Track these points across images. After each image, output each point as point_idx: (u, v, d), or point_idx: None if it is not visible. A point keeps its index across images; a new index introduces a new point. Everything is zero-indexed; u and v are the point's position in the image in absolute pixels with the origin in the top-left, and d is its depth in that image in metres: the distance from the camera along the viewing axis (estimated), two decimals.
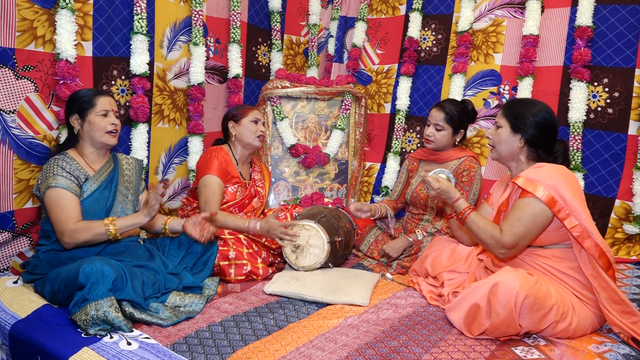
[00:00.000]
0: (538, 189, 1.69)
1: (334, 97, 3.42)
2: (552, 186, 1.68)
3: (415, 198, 2.65)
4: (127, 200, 2.10)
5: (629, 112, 2.65)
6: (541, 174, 1.72)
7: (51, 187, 1.88)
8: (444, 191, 1.92)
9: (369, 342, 1.62)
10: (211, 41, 3.07)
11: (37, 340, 1.57)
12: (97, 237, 1.87)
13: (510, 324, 1.59)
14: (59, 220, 1.86)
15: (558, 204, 1.68)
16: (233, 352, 1.56)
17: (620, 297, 1.67)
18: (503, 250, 1.77)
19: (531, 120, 1.82)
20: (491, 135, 1.94)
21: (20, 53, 2.10)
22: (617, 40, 2.68)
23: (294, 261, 2.28)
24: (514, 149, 1.87)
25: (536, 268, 1.79)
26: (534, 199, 1.71)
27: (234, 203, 2.46)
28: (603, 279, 1.67)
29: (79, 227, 1.84)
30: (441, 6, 3.26)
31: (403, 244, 2.53)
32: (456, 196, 1.90)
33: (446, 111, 2.50)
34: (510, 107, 1.89)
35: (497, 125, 1.92)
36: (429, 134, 2.55)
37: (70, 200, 1.88)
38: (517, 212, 1.74)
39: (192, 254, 2.15)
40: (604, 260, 1.68)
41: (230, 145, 2.58)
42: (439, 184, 1.92)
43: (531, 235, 1.75)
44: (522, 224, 1.72)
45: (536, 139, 1.83)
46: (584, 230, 1.67)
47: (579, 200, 1.70)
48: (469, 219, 1.84)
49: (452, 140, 2.56)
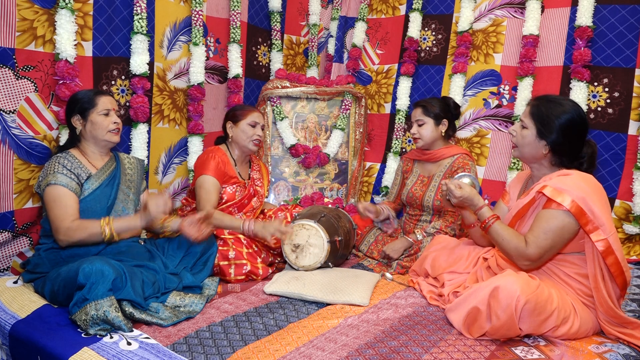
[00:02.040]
0: (566, 199, 1.61)
1: (334, 97, 3.42)
2: (581, 197, 1.61)
3: (410, 199, 2.65)
4: (129, 200, 2.10)
5: (629, 112, 2.65)
6: (569, 183, 1.64)
7: (51, 184, 1.88)
8: (467, 199, 1.84)
9: (369, 342, 1.62)
10: (211, 41, 3.07)
11: (37, 340, 1.57)
12: (92, 237, 1.87)
13: (510, 328, 1.58)
14: (56, 217, 1.86)
15: (586, 217, 1.60)
16: (233, 352, 1.56)
17: (617, 314, 1.65)
18: (527, 263, 1.71)
19: (557, 125, 1.71)
20: (515, 133, 1.84)
21: (20, 53, 2.10)
22: (617, 40, 2.68)
23: (294, 261, 2.28)
24: (538, 154, 1.79)
25: (542, 270, 1.77)
26: (561, 210, 1.63)
27: (233, 203, 2.46)
28: (602, 294, 1.64)
29: (74, 226, 1.85)
30: (441, 6, 3.26)
31: (403, 244, 2.53)
32: (480, 204, 1.82)
33: (422, 105, 2.57)
34: (539, 108, 1.77)
35: (522, 125, 1.81)
36: (413, 132, 2.60)
37: (68, 198, 1.88)
38: (543, 224, 1.66)
39: (191, 254, 2.15)
40: (621, 279, 1.65)
41: (228, 145, 2.57)
42: (461, 192, 1.83)
43: (557, 248, 1.69)
44: (548, 237, 1.65)
45: (562, 146, 1.74)
46: (610, 246, 1.60)
47: (607, 214, 1.63)
48: (492, 228, 1.77)
49: (437, 132, 2.56)
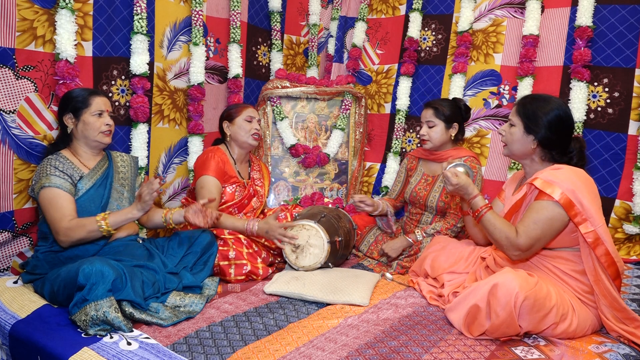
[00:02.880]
0: (556, 191, 1.66)
1: (334, 97, 3.42)
2: (570, 190, 1.65)
3: (414, 197, 2.65)
4: (123, 197, 2.10)
5: (629, 112, 2.65)
6: (560, 176, 1.69)
7: (45, 187, 1.88)
8: (462, 187, 1.87)
9: (369, 342, 1.62)
10: (211, 41, 3.07)
11: (37, 340, 1.57)
12: (91, 234, 1.85)
13: (510, 325, 1.59)
14: (53, 219, 1.86)
15: (575, 208, 1.64)
16: (233, 352, 1.56)
17: (622, 305, 1.66)
18: (517, 252, 1.73)
19: (545, 120, 1.77)
20: (504, 132, 1.90)
21: (20, 53, 2.10)
22: (617, 40, 2.68)
23: (294, 261, 2.28)
24: (527, 150, 1.83)
25: (540, 268, 1.78)
26: (551, 202, 1.67)
27: (233, 203, 2.46)
28: (605, 286, 1.66)
29: (72, 225, 1.84)
30: (441, 6, 3.26)
31: (402, 244, 2.53)
32: (474, 193, 1.85)
33: (434, 106, 2.54)
34: (524, 105, 1.84)
35: (510, 123, 1.87)
36: (423, 133, 2.57)
37: (64, 199, 1.88)
38: (533, 215, 1.71)
39: (192, 253, 2.15)
40: (613, 269, 1.66)
41: (227, 145, 2.58)
42: (457, 179, 1.86)
43: (546, 239, 1.72)
44: (538, 227, 1.69)
45: (550, 141, 1.79)
46: (598, 237, 1.64)
47: (596, 206, 1.67)
48: (485, 217, 1.79)
49: (447, 135, 2.56)
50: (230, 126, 2.53)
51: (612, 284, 1.68)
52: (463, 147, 2.65)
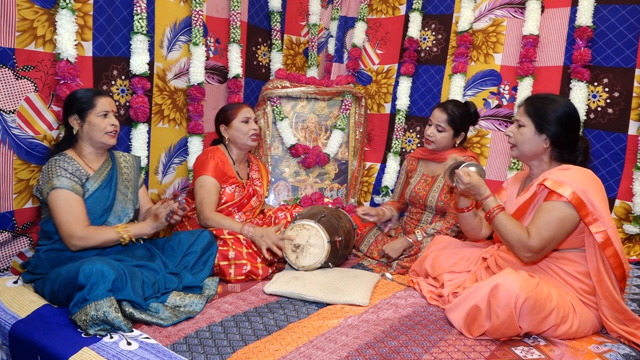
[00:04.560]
0: (567, 191, 1.64)
1: (334, 97, 3.42)
2: (581, 189, 1.64)
3: (414, 197, 2.65)
4: (127, 199, 2.10)
5: (629, 112, 2.65)
6: (570, 176, 1.68)
7: (56, 187, 1.87)
8: (474, 186, 1.84)
9: (369, 342, 1.62)
10: (211, 41, 3.07)
11: (37, 340, 1.57)
12: (107, 243, 1.92)
13: (510, 326, 1.59)
14: (67, 222, 1.86)
15: (586, 208, 1.63)
16: (233, 352, 1.56)
17: (623, 307, 1.66)
18: (529, 254, 1.72)
19: (555, 118, 1.76)
20: (512, 133, 1.87)
21: (20, 53, 2.10)
22: (617, 40, 2.68)
23: (294, 261, 2.28)
24: (539, 149, 1.82)
25: (544, 269, 1.78)
26: (562, 202, 1.66)
27: (233, 203, 2.46)
28: (607, 287, 1.66)
29: (90, 233, 1.88)
30: (441, 6, 3.26)
31: (402, 244, 2.53)
32: (486, 193, 1.83)
33: (449, 113, 2.50)
34: (534, 105, 1.82)
35: (518, 124, 1.84)
36: (429, 134, 2.55)
37: (76, 202, 1.89)
38: (544, 216, 1.69)
39: (191, 253, 2.15)
40: (620, 271, 1.66)
41: (227, 146, 2.57)
42: (469, 179, 1.84)
43: (558, 240, 1.70)
44: (550, 228, 1.67)
45: (561, 139, 1.77)
46: (609, 237, 1.63)
47: (605, 207, 1.66)
48: (497, 218, 1.77)
49: (452, 141, 2.56)
50: (228, 129, 2.52)
51: (616, 285, 1.67)
52: (463, 148, 2.65)
